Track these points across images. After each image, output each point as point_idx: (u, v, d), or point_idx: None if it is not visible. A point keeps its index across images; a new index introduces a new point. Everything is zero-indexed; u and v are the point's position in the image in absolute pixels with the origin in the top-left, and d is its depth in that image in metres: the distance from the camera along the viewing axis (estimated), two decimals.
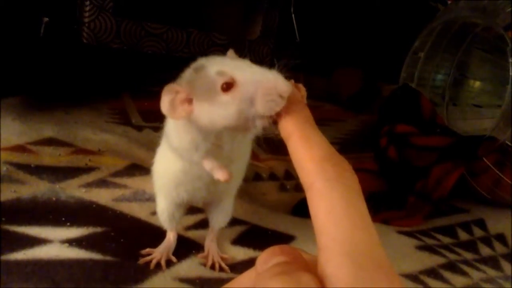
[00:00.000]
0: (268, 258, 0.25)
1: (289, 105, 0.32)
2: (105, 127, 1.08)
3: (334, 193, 0.25)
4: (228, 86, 0.38)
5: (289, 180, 1.00)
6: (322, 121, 1.44)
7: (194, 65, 0.44)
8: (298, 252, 0.26)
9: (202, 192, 0.61)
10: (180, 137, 0.52)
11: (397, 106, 1.02)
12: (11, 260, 0.58)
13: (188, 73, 0.44)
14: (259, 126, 0.37)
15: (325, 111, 1.56)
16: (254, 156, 1.05)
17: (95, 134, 1.03)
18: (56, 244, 0.63)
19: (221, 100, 0.39)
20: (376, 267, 0.22)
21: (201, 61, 0.44)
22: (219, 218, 0.69)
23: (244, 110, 0.37)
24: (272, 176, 1.00)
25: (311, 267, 0.24)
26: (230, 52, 0.47)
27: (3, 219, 0.66)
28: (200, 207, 0.71)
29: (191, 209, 0.73)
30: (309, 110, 0.32)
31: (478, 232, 0.87)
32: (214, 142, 0.49)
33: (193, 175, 0.58)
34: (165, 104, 0.42)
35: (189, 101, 0.43)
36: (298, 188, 0.97)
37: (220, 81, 0.38)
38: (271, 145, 1.10)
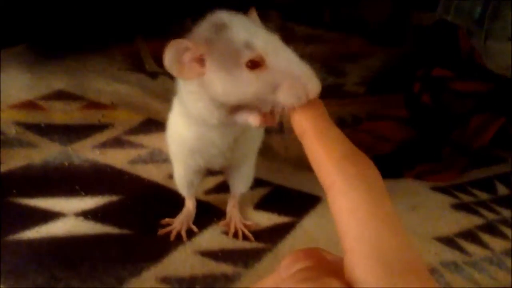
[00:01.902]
0: (292, 263, 0.24)
1: None
2: (118, 75, 1.03)
3: (357, 192, 0.23)
4: (254, 64, 0.34)
5: None
6: (347, 57, 1.36)
7: (213, 20, 0.37)
8: (322, 255, 0.25)
9: (219, 158, 0.56)
10: (193, 102, 0.46)
11: (432, 45, 0.93)
12: (24, 239, 0.55)
13: (205, 29, 0.37)
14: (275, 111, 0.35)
15: (350, 45, 1.47)
16: None
17: (108, 84, 0.98)
18: (70, 217, 0.60)
19: (242, 75, 0.34)
20: (408, 271, 0.21)
21: (222, 16, 0.37)
22: (240, 183, 0.65)
23: (263, 94, 0.34)
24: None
25: (336, 270, 0.23)
26: (252, 12, 0.41)
27: (14, 191, 0.62)
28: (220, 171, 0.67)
29: (211, 171, 0.68)
30: (323, 105, 0.29)
31: None
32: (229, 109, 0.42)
33: (207, 141, 0.53)
34: (169, 59, 0.37)
35: (201, 61, 0.37)
36: None
37: (246, 56, 0.34)
38: None
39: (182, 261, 0.57)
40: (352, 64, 1.32)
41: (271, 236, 0.64)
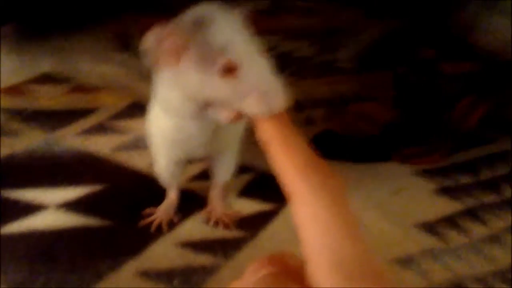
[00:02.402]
0: (258, 269, 0.25)
1: None
2: (105, 56, 1.02)
3: (319, 201, 0.24)
4: (227, 70, 0.34)
5: (300, 112, 0.94)
6: (342, 31, 1.35)
7: (196, 13, 0.37)
8: (286, 261, 0.26)
9: (199, 149, 0.56)
10: (167, 92, 0.46)
11: (422, 23, 0.92)
12: (5, 234, 0.56)
13: (187, 22, 0.37)
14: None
15: (346, 18, 1.45)
16: None
17: (95, 65, 0.98)
18: (52, 209, 0.61)
19: (213, 78, 0.35)
20: (366, 276, 0.22)
21: (206, 12, 0.36)
22: (222, 172, 0.65)
23: (230, 100, 0.35)
24: None
25: (299, 276, 0.24)
26: (237, 13, 0.39)
27: None
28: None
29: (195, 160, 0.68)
30: (287, 115, 0.31)
31: (501, 168, 0.82)
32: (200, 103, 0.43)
33: (186, 133, 0.53)
34: (148, 45, 0.36)
35: (178, 52, 0.36)
36: (309, 121, 0.91)
37: (221, 61, 0.34)
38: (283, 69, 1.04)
39: (162, 254, 0.57)
40: (346, 38, 1.30)
41: (253, 224, 0.64)
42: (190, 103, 0.43)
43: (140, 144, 0.76)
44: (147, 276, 0.54)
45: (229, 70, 0.34)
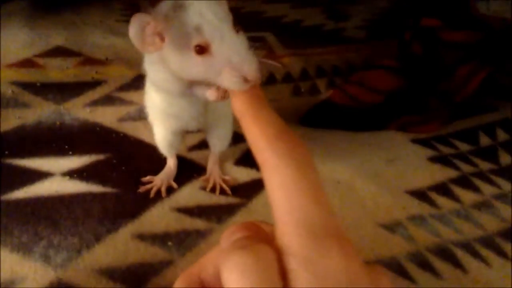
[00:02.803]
0: (231, 234, 0.27)
1: None
2: (115, 27, 1.05)
3: (287, 169, 0.26)
4: (201, 49, 0.36)
5: (304, 80, 0.95)
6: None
7: None
8: (259, 227, 0.28)
9: (192, 122, 0.59)
10: (155, 72, 0.49)
11: None
12: (12, 199, 0.60)
13: (166, 6, 0.39)
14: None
15: None
16: (270, 52, 1.00)
17: (104, 38, 1.00)
18: (57, 177, 0.64)
19: (190, 57, 0.37)
20: (328, 235, 0.24)
21: None
22: (218, 142, 0.68)
23: (208, 76, 0.37)
24: (287, 78, 0.95)
25: (270, 239, 0.26)
26: None
27: (6, 152, 0.67)
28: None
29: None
30: (260, 88, 0.32)
31: (501, 135, 0.82)
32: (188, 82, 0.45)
33: (177, 107, 0.56)
34: (133, 31, 0.39)
35: (161, 36, 0.39)
36: (313, 90, 0.93)
37: (195, 40, 0.36)
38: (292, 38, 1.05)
39: (159, 217, 0.61)
40: (356, 6, 1.29)
41: (248, 191, 0.67)
42: (177, 82, 0.45)
43: (144, 114, 0.79)
44: (143, 238, 0.57)
45: (203, 48, 0.36)
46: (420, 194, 0.68)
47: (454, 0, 0.87)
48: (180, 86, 0.46)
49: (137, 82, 0.87)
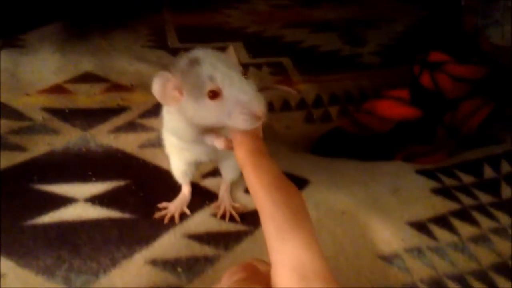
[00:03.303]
0: (231, 275, 0.31)
1: (243, 136, 0.37)
2: (141, 53, 1.11)
3: (281, 215, 0.29)
4: (214, 95, 0.42)
5: (318, 107, 0.99)
6: (370, 22, 1.37)
7: (190, 55, 0.46)
8: (256, 268, 0.32)
9: (206, 154, 0.64)
10: (171, 121, 0.54)
11: (436, 25, 0.94)
12: (39, 224, 0.66)
13: (182, 62, 0.45)
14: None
15: (377, 11, 1.47)
16: (286, 78, 1.04)
17: (130, 64, 1.06)
18: (80, 203, 0.70)
19: (205, 103, 0.43)
20: (318, 279, 0.27)
21: (198, 53, 0.45)
22: (229, 172, 0.73)
23: (221, 119, 0.42)
24: (301, 104, 1.00)
25: (266, 280, 0.29)
26: (230, 49, 0.49)
27: (35, 178, 0.73)
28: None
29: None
30: (262, 140, 0.36)
31: (505, 167, 0.84)
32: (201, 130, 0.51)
33: (191, 146, 0.61)
34: (156, 88, 0.45)
35: (180, 90, 0.45)
36: (325, 117, 0.97)
37: (208, 87, 0.42)
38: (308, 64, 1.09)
39: (171, 243, 0.66)
40: (373, 30, 1.33)
41: (255, 219, 0.71)
42: (190, 131, 0.51)
43: (162, 141, 0.84)
44: (155, 264, 0.63)
45: (216, 93, 0.42)
46: (420, 226, 0.71)
47: (463, 34, 0.90)
48: (192, 134, 0.52)
49: (158, 108, 0.92)
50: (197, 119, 0.46)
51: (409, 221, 0.72)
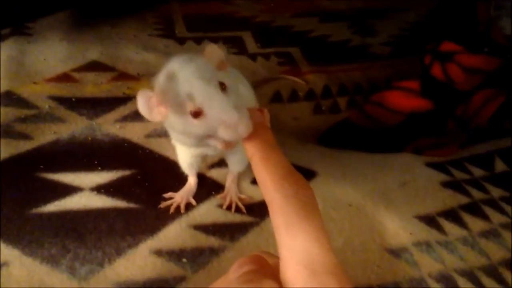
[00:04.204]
0: (239, 267, 0.30)
1: (252, 128, 0.35)
2: (148, 42, 1.10)
3: (291, 208, 0.28)
4: (196, 114, 0.40)
5: (326, 99, 0.98)
6: (381, 12, 1.35)
7: (167, 69, 0.43)
8: (265, 260, 0.31)
9: (213, 150, 0.64)
10: (170, 132, 0.55)
11: (448, 15, 0.92)
12: (45, 212, 0.66)
13: (161, 79, 0.43)
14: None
15: (389, 0, 1.45)
16: (295, 69, 1.03)
17: (137, 53, 1.05)
18: (86, 192, 0.70)
19: (189, 121, 0.41)
20: (327, 272, 0.26)
21: (173, 66, 0.42)
22: (236, 164, 0.72)
23: (209, 133, 0.41)
24: (309, 95, 0.98)
25: (275, 273, 0.29)
26: (208, 49, 0.44)
27: (42, 166, 0.73)
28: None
29: None
30: (271, 132, 0.35)
31: None
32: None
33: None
34: (140, 106, 0.44)
35: (165, 105, 0.43)
36: (334, 109, 0.96)
37: (189, 107, 0.40)
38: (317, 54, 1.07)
39: (176, 234, 0.65)
40: (384, 20, 1.31)
41: (261, 210, 0.71)
42: (189, 138, 0.50)
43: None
44: (160, 254, 0.62)
45: (197, 113, 0.40)
46: (429, 220, 0.70)
47: (475, 25, 0.88)
48: (191, 141, 0.52)
49: None
50: (186, 134, 0.45)
51: (418, 214, 0.71)
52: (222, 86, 0.40)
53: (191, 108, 0.40)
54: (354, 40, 1.22)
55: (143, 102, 0.43)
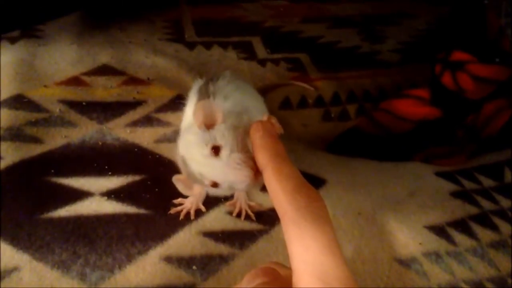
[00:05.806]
0: (252, 279, 0.31)
1: (263, 140, 0.36)
2: (158, 46, 1.10)
3: (303, 221, 0.29)
4: (214, 185, 0.49)
5: (335, 105, 0.98)
6: (390, 18, 1.35)
7: (178, 155, 0.56)
8: (277, 272, 0.31)
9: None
10: None
11: (456, 25, 0.92)
12: (55, 217, 0.66)
13: (179, 162, 0.57)
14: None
15: (398, 7, 1.45)
16: (304, 75, 1.03)
17: (147, 57, 1.05)
18: (96, 197, 0.70)
19: (213, 190, 0.52)
20: (340, 285, 0.27)
21: (180, 146, 0.56)
22: None
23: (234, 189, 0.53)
24: (318, 102, 0.98)
25: (288, 285, 0.29)
26: (196, 108, 0.49)
27: (52, 171, 0.73)
28: None
29: None
30: (281, 143, 0.35)
31: None
32: None
33: None
34: (181, 189, 0.59)
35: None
36: (343, 116, 0.96)
37: (205, 181, 0.50)
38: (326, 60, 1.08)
39: (186, 241, 0.65)
40: (394, 26, 1.31)
41: (271, 218, 0.71)
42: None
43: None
44: (170, 261, 0.62)
45: (215, 183, 0.49)
46: (438, 230, 0.70)
47: (486, 33, 0.88)
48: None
49: (175, 103, 0.92)
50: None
51: (427, 224, 0.71)
52: (215, 150, 0.46)
53: (207, 183, 0.49)
54: (363, 46, 1.22)
55: (182, 187, 0.58)
